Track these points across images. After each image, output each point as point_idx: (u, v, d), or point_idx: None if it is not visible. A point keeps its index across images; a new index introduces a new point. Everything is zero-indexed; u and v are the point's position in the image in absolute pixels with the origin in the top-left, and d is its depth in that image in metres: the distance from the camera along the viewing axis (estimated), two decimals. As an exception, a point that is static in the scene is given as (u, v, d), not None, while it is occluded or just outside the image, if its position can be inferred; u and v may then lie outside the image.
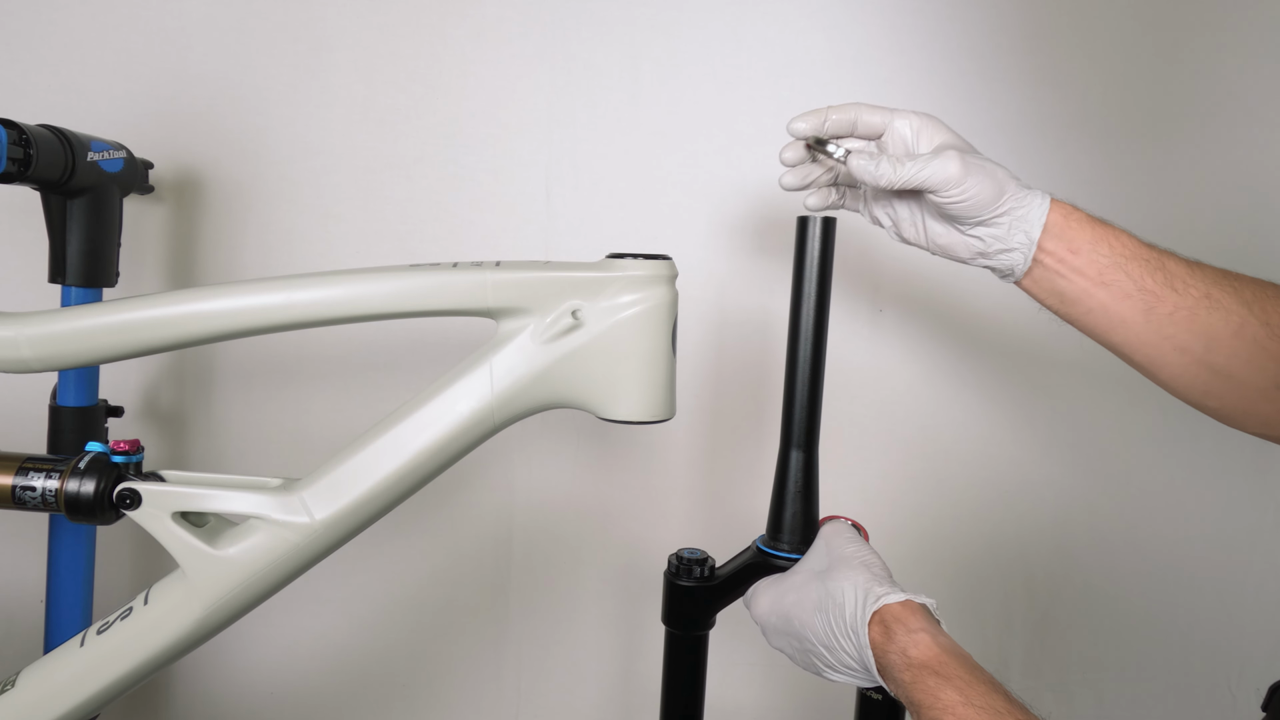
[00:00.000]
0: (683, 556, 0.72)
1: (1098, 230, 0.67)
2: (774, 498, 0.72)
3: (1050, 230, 0.66)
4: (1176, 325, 0.64)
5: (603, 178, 1.10)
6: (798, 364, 0.70)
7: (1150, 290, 0.65)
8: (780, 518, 0.71)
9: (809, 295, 0.69)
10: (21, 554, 1.12)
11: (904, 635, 0.56)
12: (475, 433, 0.67)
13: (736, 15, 1.08)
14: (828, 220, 0.70)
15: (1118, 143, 1.07)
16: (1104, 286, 0.65)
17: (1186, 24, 1.05)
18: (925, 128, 0.70)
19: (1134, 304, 0.65)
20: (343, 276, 0.68)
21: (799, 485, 0.71)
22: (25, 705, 0.69)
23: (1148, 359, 0.66)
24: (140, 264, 1.12)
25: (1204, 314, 0.64)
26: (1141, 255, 0.66)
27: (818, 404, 0.71)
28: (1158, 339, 0.65)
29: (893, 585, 0.61)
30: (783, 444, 0.72)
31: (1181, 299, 0.64)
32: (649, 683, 1.15)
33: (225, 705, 1.19)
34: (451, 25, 1.10)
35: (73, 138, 0.88)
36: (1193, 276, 0.65)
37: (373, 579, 1.16)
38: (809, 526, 0.71)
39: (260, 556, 0.66)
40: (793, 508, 0.71)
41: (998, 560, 1.11)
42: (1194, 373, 0.65)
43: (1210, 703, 1.11)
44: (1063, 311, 0.69)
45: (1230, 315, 0.63)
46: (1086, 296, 0.66)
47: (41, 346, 0.69)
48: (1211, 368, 0.64)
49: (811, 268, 0.69)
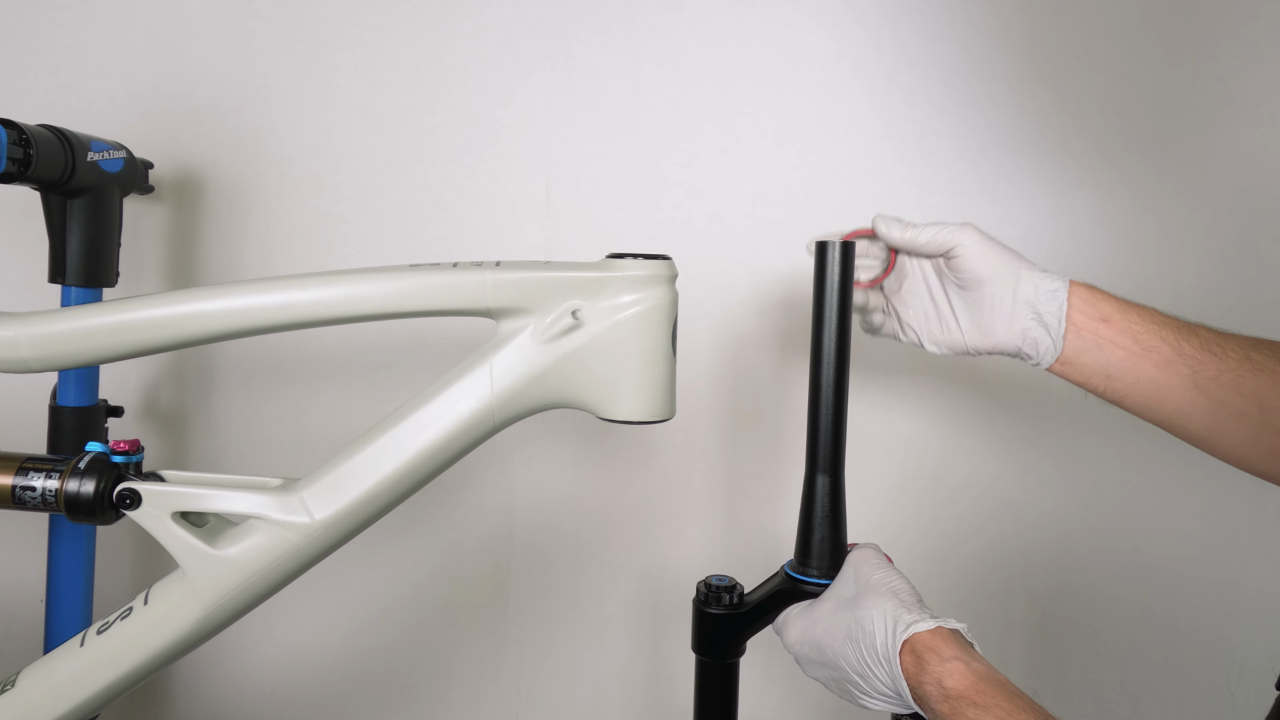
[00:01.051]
0: (711, 584, 0.72)
1: (1124, 302, 0.67)
2: (801, 523, 0.71)
3: (1077, 303, 0.67)
4: (1225, 389, 0.63)
5: (603, 178, 1.10)
6: (821, 389, 0.70)
7: (1191, 355, 0.64)
8: (808, 543, 0.70)
9: (830, 320, 0.69)
10: (21, 554, 1.12)
11: (937, 664, 0.55)
12: (475, 433, 0.67)
13: (736, 15, 1.08)
14: (846, 244, 0.69)
15: (1118, 143, 1.07)
16: (1145, 354, 0.65)
17: (1188, 23, 1.05)
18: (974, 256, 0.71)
19: (1178, 371, 0.64)
20: (343, 276, 0.68)
21: (826, 510, 0.70)
22: (25, 705, 0.69)
23: (1206, 428, 0.65)
24: (140, 264, 1.12)
25: (1249, 376, 0.63)
26: (1172, 323, 0.66)
27: (842, 428, 0.70)
28: (1212, 404, 0.64)
29: (922, 611, 0.60)
30: (808, 469, 0.71)
31: (1223, 363, 0.63)
32: (649, 682, 1.15)
33: (225, 705, 1.19)
34: (451, 25, 1.10)
35: (73, 138, 0.88)
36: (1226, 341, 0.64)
37: (373, 579, 1.16)
38: (838, 551, 0.70)
39: (260, 556, 0.66)
40: (820, 532, 0.70)
41: (997, 560, 1.11)
42: (1256, 436, 0.63)
43: (1210, 703, 1.11)
44: (1108, 388, 0.68)
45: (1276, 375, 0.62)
46: (1131, 368, 0.66)
47: (41, 346, 0.69)
48: (1274, 430, 0.63)
49: (832, 292, 0.70)
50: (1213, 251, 1.07)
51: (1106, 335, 0.66)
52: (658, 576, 1.14)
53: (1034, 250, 1.07)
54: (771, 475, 1.12)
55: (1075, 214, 1.07)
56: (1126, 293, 1.07)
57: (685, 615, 1.13)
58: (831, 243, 0.69)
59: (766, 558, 1.12)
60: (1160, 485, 1.09)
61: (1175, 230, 1.06)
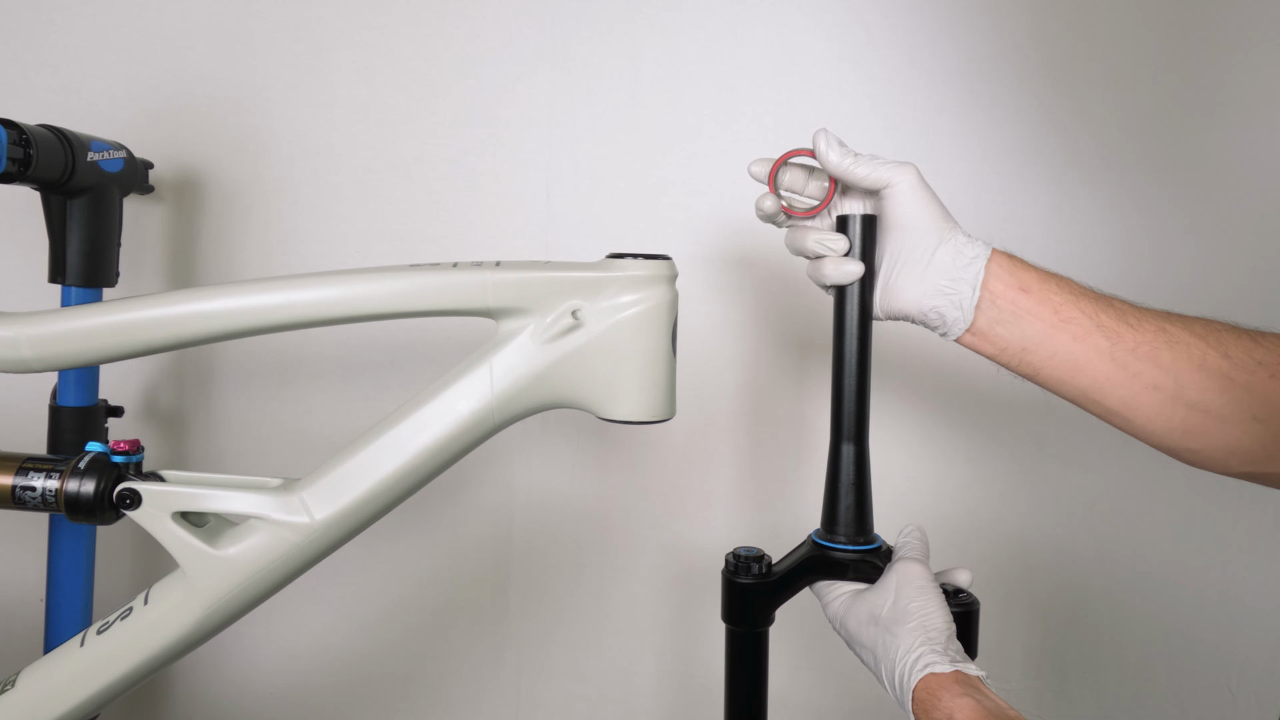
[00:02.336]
0: (739, 555, 0.73)
1: (1043, 272, 0.66)
2: (827, 491, 0.72)
3: (995, 272, 0.66)
4: (1142, 361, 0.63)
5: (603, 178, 1.10)
6: (845, 357, 0.71)
7: (1108, 326, 0.64)
8: (835, 511, 0.72)
9: (852, 290, 0.70)
10: (21, 554, 1.12)
11: (949, 700, 0.56)
12: (475, 433, 0.67)
13: (736, 15, 1.08)
14: (868, 217, 0.70)
15: (1119, 142, 1.07)
16: (1063, 325, 0.64)
17: (1189, 22, 1.05)
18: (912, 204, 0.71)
19: (1096, 343, 0.64)
20: (343, 276, 0.68)
21: (851, 478, 0.71)
22: (25, 705, 0.69)
23: (1122, 402, 0.64)
24: (140, 264, 1.13)
25: (1165, 349, 0.63)
26: (1089, 294, 0.65)
27: (866, 396, 0.71)
28: (1128, 377, 0.63)
29: (946, 651, 0.60)
30: (833, 437, 0.72)
31: (1140, 335, 0.63)
32: (649, 682, 1.15)
33: (225, 705, 1.19)
34: (451, 25, 1.10)
35: (73, 138, 0.88)
36: (1142, 313, 0.64)
37: (373, 579, 1.16)
38: (863, 519, 0.72)
39: (260, 556, 0.66)
40: (846, 500, 0.71)
41: (997, 560, 1.11)
42: (1170, 410, 0.63)
43: (1210, 703, 1.11)
44: (1023, 360, 0.67)
45: (1190, 349, 0.62)
46: (1048, 340, 0.65)
47: (41, 346, 0.69)
48: (1188, 404, 0.63)
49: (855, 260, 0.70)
50: (1214, 251, 1.06)
51: (1025, 305, 0.65)
52: (658, 577, 1.14)
53: (1034, 250, 1.07)
54: (772, 475, 1.12)
55: (1076, 214, 1.07)
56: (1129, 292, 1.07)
57: (686, 615, 1.14)
58: (853, 215, 0.70)
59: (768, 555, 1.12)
60: (1160, 486, 1.09)
61: (1176, 230, 1.06)
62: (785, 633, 0.78)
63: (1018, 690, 1.12)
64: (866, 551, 0.71)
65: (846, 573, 0.71)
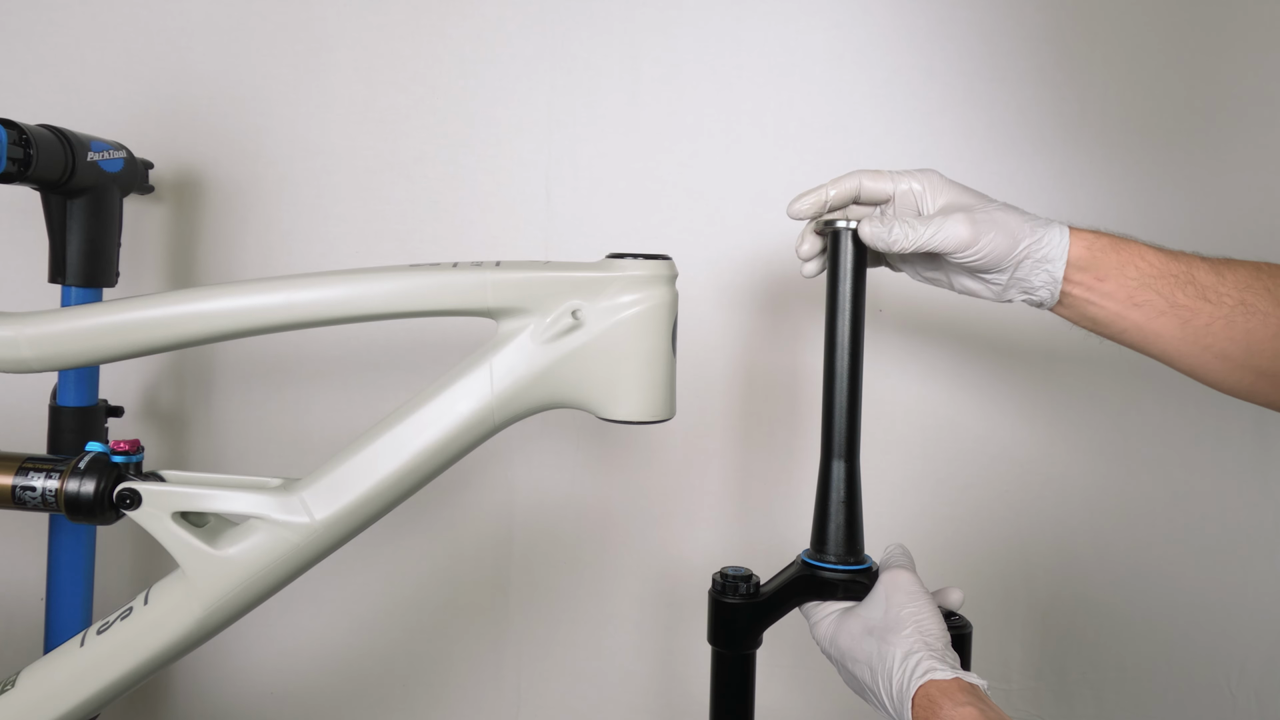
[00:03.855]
0: (727, 574, 0.71)
1: (1123, 254, 0.66)
2: (817, 510, 0.71)
3: (1075, 263, 0.66)
4: (1214, 335, 0.64)
5: (603, 178, 1.10)
6: (836, 374, 0.70)
7: (1184, 305, 0.65)
8: (825, 530, 0.70)
9: (844, 305, 0.69)
10: (21, 554, 1.12)
11: (950, 708, 0.55)
12: (475, 433, 0.67)
13: (736, 15, 1.08)
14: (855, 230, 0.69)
15: (1120, 142, 1.07)
16: (1136, 308, 0.66)
17: (1190, 22, 1.05)
18: (930, 188, 0.71)
19: (1169, 320, 0.65)
20: (343, 276, 0.68)
21: (842, 496, 0.70)
22: (25, 705, 0.69)
23: (1189, 368, 0.67)
24: (140, 264, 1.12)
25: (1241, 320, 0.64)
26: (1170, 271, 0.65)
27: (857, 414, 0.70)
28: (1197, 349, 0.65)
29: (944, 658, 0.60)
30: (824, 455, 0.71)
31: (1216, 309, 0.64)
32: (649, 682, 1.15)
33: (225, 705, 1.19)
34: (451, 25, 1.10)
35: (73, 138, 0.88)
36: (1224, 284, 0.65)
37: (373, 579, 1.16)
38: (854, 539, 0.70)
39: (260, 556, 0.67)
40: (837, 519, 0.70)
41: (997, 560, 1.11)
42: (1238, 376, 0.65)
43: (1210, 703, 1.11)
44: (1098, 332, 0.69)
45: (1268, 318, 0.63)
46: (1119, 319, 0.67)
47: (41, 346, 0.69)
48: (1255, 370, 0.64)
49: (846, 278, 0.69)
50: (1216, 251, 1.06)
51: (1100, 291, 0.66)
52: (658, 577, 1.14)
53: (1034, 250, 1.08)
54: (773, 475, 1.12)
55: (1076, 214, 1.06)
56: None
57: (686, 615, 1.14)
58: (844, 229, 0.69)
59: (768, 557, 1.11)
60: (1160, 486, 1.09)
61: (1177, 230, 1.06)
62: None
63: (1018, 690, 1.12)
64: (857, 572, 0.69)
65: (836, 593, 0.69)
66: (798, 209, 0.72)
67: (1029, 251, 0.66)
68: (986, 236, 0.66)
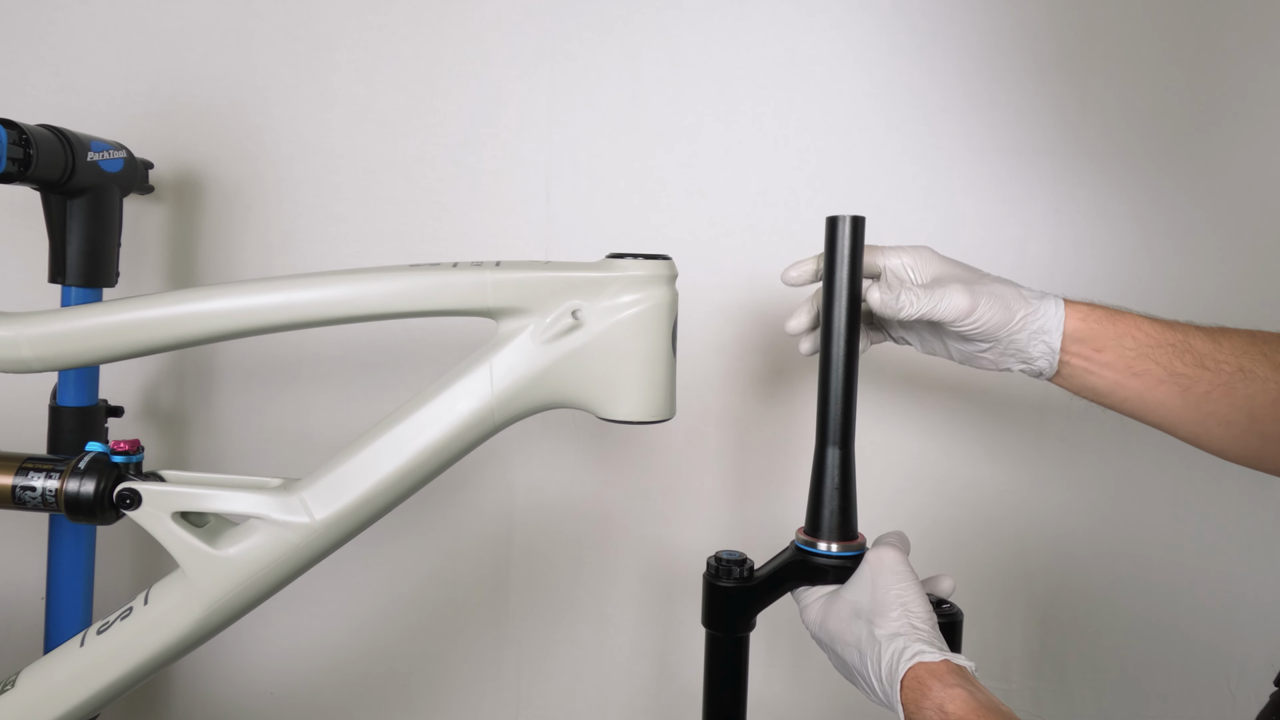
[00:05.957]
0: (721, 558, 0.72)
1: (1119, 325, 0.67)
2: (811, 495, 0.72)
3: (1071, 335, 0.67)
4: (1215, 402, 0.64)
5: (603, 178, 1.10)
6: (831, 361, 0.70)
7: (1182, 373, 0.65)
8: (819, 515, 0.71)
9: (840, 293, 0.69)
10: (21, 554, 1.12)
11: (940, 690, 0.56)
12: (475, 433, 0.67)
13: (736, 15, 1.08)
14: (857, 218, 0.70)
15: (1119, 143, 1.07)
16: (1136, 377, 0.66)
17: (1189, 23, 1.05)
18: (922, 262, 0.72)
19: (1169, 389, 0.65)
20: (343, 276, 0.68)
21: (836, 483, 0.70)
22: (25, 705, 0.69)
23: (1192, 435, 0.67)
24: (140, 264, 1.12)
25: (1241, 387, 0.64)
26: (1167, 340, 0.66)
27: (853, 401, 0.71)
28: (1199, 417, 0.65)
29: (933, 640, 0.60)
30: (819, 441, 0.71)
31: (1215, 376, 0.64)
32: (649, 682, 1.15)
33: (225, 705, 1.19)
34: (451, 25, 1.10)
35: (73, 138, 0.88)
36: (1221, 351, 0.65)
37: (373, 579, 1.16)
38: (847, 524, 0.71)
39: (260, 556, 0.67)
40: (830, 505, 0.70)
41: (997, 560, 1.11)
42: (1243, 442, 0.65)
43: (1210, 703, 1.11)
44: (1098, 401, 0.69)
45: (1267, 384, 0.63)
46: (1119, 388, 0.67)
47: (41, 346, 0.69)
48: (1260, 435, 0.64)
49: (843, 265, 0.70)
50: (1214, 251, 1.06)
51: (1098, 362, 0.67)
52: (658, 577, 1.14)
53: (1034, 250, 1.08)
54: (773, 476, 1.12)
55: (1076, 214, 1.07)
56: (1128, 294, 1.07)
57: (686, 615, 1.14)
58: (842, 217, 0.69)
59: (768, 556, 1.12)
60: (1160, 485, 1.09)
61: (1176, 230, 1.06)
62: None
63: (1018, 690, 1.12)
64: (849, 557, 0.70)
65: (828, 577, 0.70)
66: (791, 277, 0.73)
67: (1025, 323, 0.67)
68: (984, 305, 0.67)
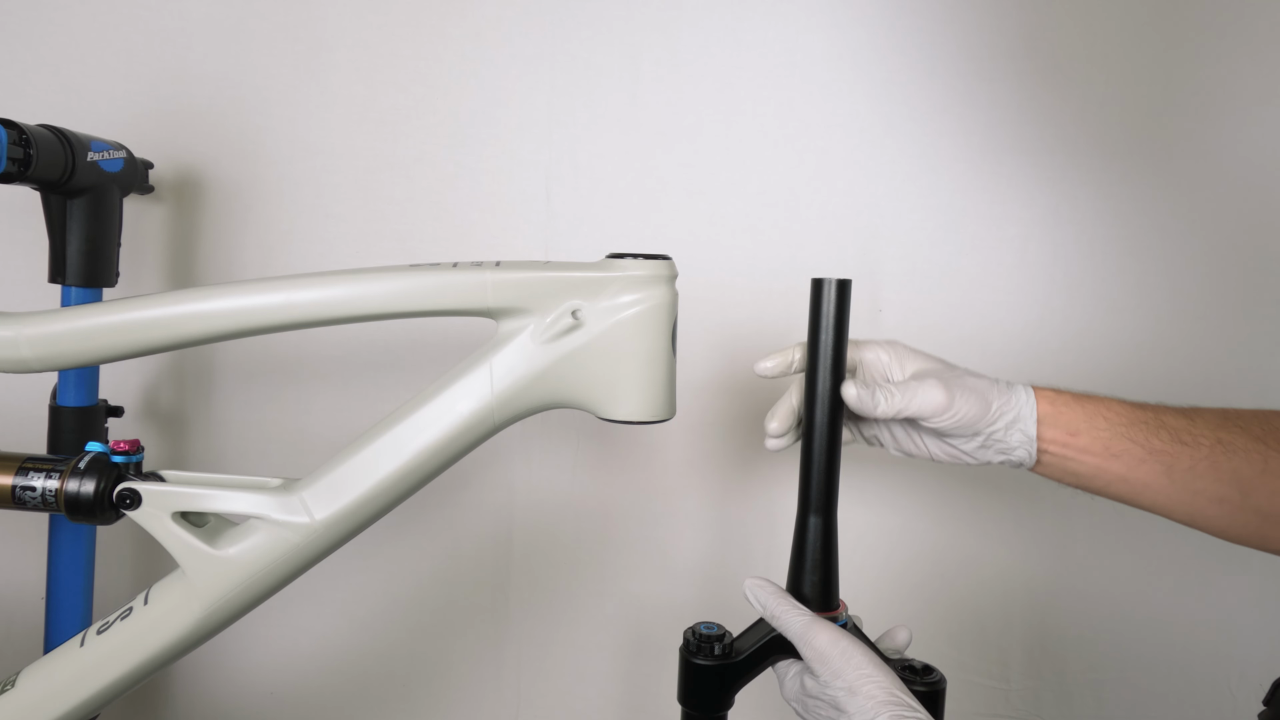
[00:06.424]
0: (699, 632, 0.68)
1: (1088, 407, 0.66)
2: (792, 566, 0.69)
3: (1044, 420, 0.66)
4: (1201, 477, 0.63)
5: (603, 178, 1.10)
6: (815, 428, 0.68)
7: (1162, 450, 0.64)
8: (800, 586, 0.68)
9: (825, 357, 0.68)
10: (21, 554, 1.12)
11: None
12: (475, 433, 0.67)
13: (736, 15, 1.08)
14: (843, 281, 0.68)
15: (1119, 142, 1.07)
16: (1115, 458, 0.65)
17: (1188, 22, 1.05)
18: (895, 356, 0.71)
19: (1151, 467, 0.64)
20: (343, 276, 0.68)
21: (818, 555, 0.68)
22: (25, 705, 0.69)
23: (1188, 516, 0.65)
24: (140, 264, 1.12)
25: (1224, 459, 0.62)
26: (1139, 418, 0.65)
27: (835, 469, 0.69)
28: (1188, 495, 0.64)
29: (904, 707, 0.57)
30: (800, 509, 0.69)
31: (1195, 451, 0.63)
32: (649, 683, 1.15)
33: (225, 705, 1.19)
34: (451, 25, 1.10)
35: (73, 138, 0.88)
36: (1196, 426, 0.64)
37: (373, 579, 1.16)
38: (829, 595, 0.68)
39: (260, 556, 0.67)
40: (812, 577, 0.68)
41: (997, 560, 1.11)
42: (1242, 521, 0.63)
43: (1210, 703, 1.11)
44: (1085, 488, 0.68)
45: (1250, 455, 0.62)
46: (1102, 472, 0.66)
47: (41, 346, 0.69)
48: (1258, 513, 0.62)
49: (828, 330, 0.68)
50: (1213, 251, 1.06)
51: (1075, 447, 0.66)
52: (658, 577, 1.14)
53: (1034, 250, 1.08)
54: (772, 475, 1.12)
55: (1075, 213, 1.07)
56: (1128, 294, 1.07)
57: (686, 615, 1.14)
58: (828, 280, 0.67)
59: (768, 557, 1.12)
60: (1160, 485, 1.09)
61: (1175, 230, 1.06)
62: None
63: (1017, 690, 1.12)
64: None
65: None
66: (765, 369, 0.72)
67: (1001, 412, 0.67)
68: (960, 399, 0.66)
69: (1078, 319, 1.08)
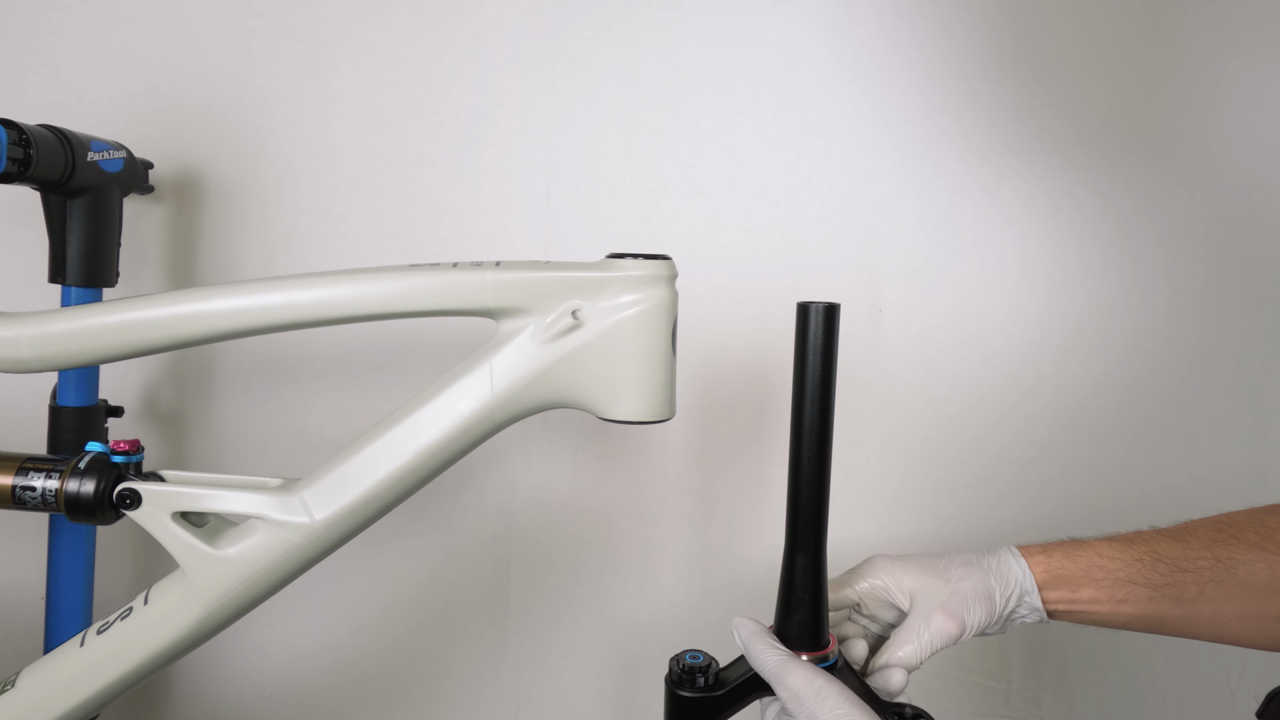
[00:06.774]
0: (684, 662, 0.65)
1: (1080, 558, 0.66)
2: (780, 603, 0.67)
3: (1045, 585, 0.67)
4: (1213, 599, 0.63)
5: (603, 178, 1.10)
6: (802, 462, 0.64)
7: (1165, 584, 0.64)
8: (787, 625, 0.66)
9: (812, 388, 0.64)
10: (21, 554, 1.12)
11: None
12: (475, 433, 0.67)
13: (736, 15, 1.08)
14: (830, 306, 0.63)
15: (1118, 142, 1.07)
16: (1122, 603, 0.65)
17: (1186, 22, 1.05)
18: (888, 577, 0.69)
19: (1161, 603, 0.64)
20: (343, 276, 0.68)
21: (805, 591, 0.65)
22: (25, 705, 0.69)
23: (1214, 636, 0.65)
24: (140, 264, 1.12)
25: (1228, 576, 0.62)
26: (1133, 557, 0.65)
27: (824, 504, 0.65)
28: (1206, 618, 0.64)
29: None
30: (788, 546, 0.66)
31: (1196, 576, 0.63)
32: (649, 683, 1.15)
33: (225, 705, 1.19)
34: (451, 25, 1.10)
35: (73, 138, 0.88)
36: (1190, 549, 0.64)
37: (373, 579, 1.16)
38: (818, 633, 0.66)
39: (260, 556, 0.66)
40: (799, 614, 0.65)
41: (998, 560, 1.11)
42: (1268, 629, 0.63)
43: (1210, 703, 1.11)
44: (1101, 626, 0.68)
45: (1253, 565, 0.62)
46: (1114, 616, 0.66)
47: (41, 346, 0.69)
48: (1275, 617, 0.62)
49: (815, 357, 0.63)
50: (1212, 250, 1.07)
51: (1081, 600, 0.66)
52: (658, 576, 1.14)
53: (1034, 250, 1.08)
54: (772, 475, 1.12)
55: (1075, 213, 1.07)
56: (1127, 293, 1.07)
57: (686, 615, 1.14)
58: (815, 305, 0.63)
59: (768, 557, 1.12)
60: (1161, 484, 1.09)
61: (1174, 229, 1.06)
62: None
63: (1017, 690, 1.12)
64: None
65: None
66: None
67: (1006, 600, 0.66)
68: (968, 615, 0.65)
69: (1077, 319, 1.08)
